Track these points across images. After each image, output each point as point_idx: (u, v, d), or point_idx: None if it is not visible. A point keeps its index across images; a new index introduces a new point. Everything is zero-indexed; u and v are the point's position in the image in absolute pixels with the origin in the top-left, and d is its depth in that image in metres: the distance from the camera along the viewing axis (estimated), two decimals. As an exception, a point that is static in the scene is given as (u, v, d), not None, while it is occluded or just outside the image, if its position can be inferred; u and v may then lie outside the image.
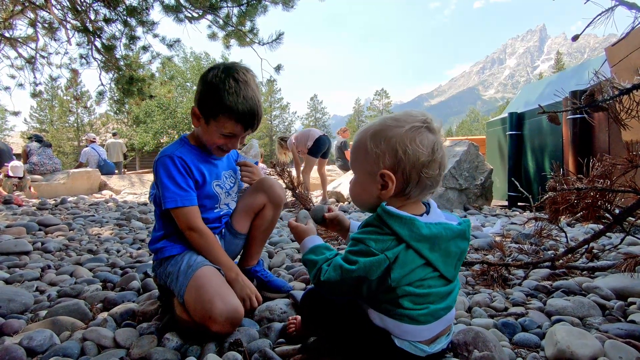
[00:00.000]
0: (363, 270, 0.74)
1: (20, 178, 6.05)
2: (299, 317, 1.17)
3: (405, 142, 0.77)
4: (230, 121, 1.21)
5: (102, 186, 8.02)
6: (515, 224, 3.20)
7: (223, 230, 1.44)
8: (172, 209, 1.23)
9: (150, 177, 9.13)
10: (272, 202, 1.45)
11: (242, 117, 1.21)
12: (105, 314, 1.33)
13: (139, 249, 2.54)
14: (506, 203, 4.99)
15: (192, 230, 1.24)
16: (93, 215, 3.94)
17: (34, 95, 6.70)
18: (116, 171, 9.84)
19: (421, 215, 0.81)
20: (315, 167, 5.53)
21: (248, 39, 5.39)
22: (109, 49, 5.50)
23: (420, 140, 0.77)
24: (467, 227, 0.83)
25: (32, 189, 6.20)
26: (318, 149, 5.13)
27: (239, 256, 1.55)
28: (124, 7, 5.18)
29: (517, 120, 4.92)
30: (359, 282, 0.75)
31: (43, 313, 1.35)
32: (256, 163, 1.55)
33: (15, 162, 6.20)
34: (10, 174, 5.95)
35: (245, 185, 1.52)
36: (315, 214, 1.07)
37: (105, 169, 8.98)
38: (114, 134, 11.44)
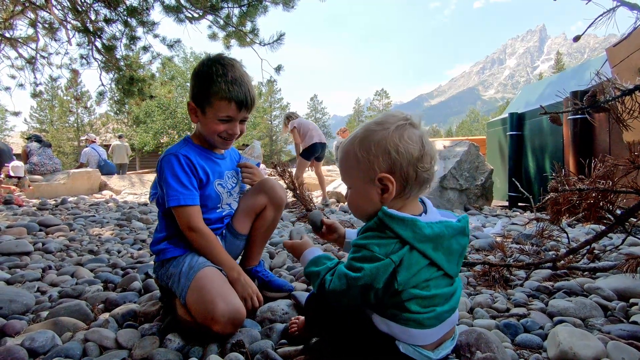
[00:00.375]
0: (369, 276, 0.72)
1: (19, 178, 6.05)
2: (301, 317, 1.17)
3: (395, 141, 0.78)
4: (223, 102, 1.24)
5: (102, 186, 8.03)
6: (516, 224, 3.20)
7: (224, 231, 1.44)
8: (174, 207, 1.23)
9: (150, 177, 9.13)
10: (273, 203, 1.46)
11: (235, 96, 1.23)
12: (106, 315, 1.33)
13: (139, 249, 2.54)
14: (507, 203, 4.99)
15: (191, 230, 1.24)
16: (94, 216, 3.94)
17: (34, 95, 6.70)
18: (120, 171, 9.87)
19: (420, 215, 0.82)
20: (314, 168, 5.63)
21: (248, 39, 5.39)
22: (109, 49, 5.50)
23: (408, 137, 0.78)
24: (466, 223, 0.83)
25: (30, 187, 6.21)
26: (310, 154, 5.30)
27: (239, 257, 1.55)
28: (124, 7, 5.17)
29: (517, 121, 4.92)
30: (366, 290, 0.74)
31: (44, 314, 1.35)
32: (258, 164, 1.55)
33: (16, 162, 6.20)
34: (12, 173, 5.95)
35: (248, 186, 1.52)
36: (313, 219, 1.08)
37: (106, 169, 8.99)
38: (120, 137, 11.57)
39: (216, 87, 1.23)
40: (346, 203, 4.79)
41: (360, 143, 0.82)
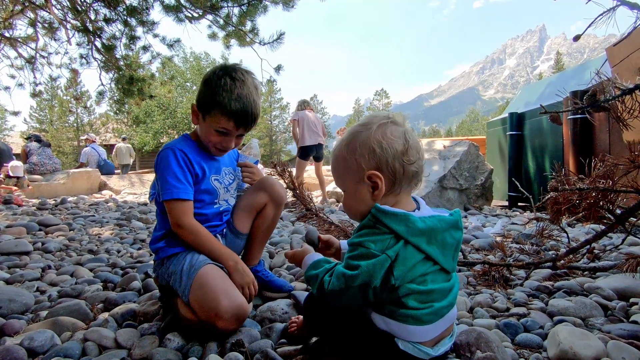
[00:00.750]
0: (366, 273, 0.73)
1: (18, 178, 6.04)
2: (300, 316, 1.17)
3: (378, 138, 0.81)
4: (222, 117, 1.23)
5: (102, 186, 8.02)
6: (515, 224, 3.20)
7: (224, 230, 1.44)
8: (167, 201, 1.23)
9: (150, 177, 9.13)
10: (273, 201, 1.46)
11: (234, 113, 1.22)
12: (106, 315, 1.32)
13: (139, 249, 2.54)
14: (506, 203, 4.99)
15: (180, 227, 1.23)
16: (93, 216, 3.94)
17: (34, 95, 6.70)
18: (118, 171, 9.90)
19: (413, 211, 0.83)
20: (313, 169, 5.77)
21: (248, 39, 5.39)
22: (109, 49, 5.50)
23: (391, 133, 0.81)
24: (458, 217, 0.85)
25: (29, 187, 6.21)
26: (305, 154, 5.45)
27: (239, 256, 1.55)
28: (124, 7, 5.17)
29: (517, 121, 4.92)
30: (364, 287, 0.75)
31: (44, 313, 1.35)
32: (256, 162, 1.55)
33: (15, 162, 6.19)
34: (11, 174, 5.95)
35: (247, 185, 1.52)
36: (310, 237, 1.09)
37: (105, 169, 8.99)
38: (124, 139, 12.05)
39: (219, 100, 1.21)
40: (341, 204, 4.83)
41: (346, 146, 0.85)
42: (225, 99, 1.21)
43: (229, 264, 1.23)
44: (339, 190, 5.79)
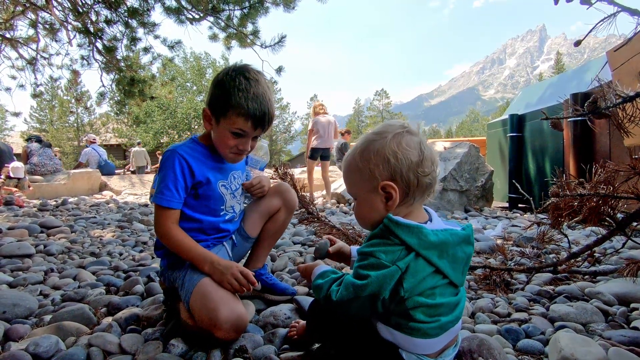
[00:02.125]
0: (376, 284, 0.73)
1: (19, 179, 6.05)
2: (301, 321, 1.18)
3: (394, 148, 0.80)
4: (239, 118, 1.19)
5: (103, 187, 8.04)
6: (516, 226, 3.21)
7: (232, 237, 1.44)
8: (155, 205, 1.23)
9: (150, 178, 9.14)
10: (286, 206, 1.48)
11: (252, 113, 1.18)
12: (109, 319, 1.33)
13: (141, 251, 2.54)
14: (507, 205, 5.00)
15: (157, 232, 1.23)
16: (94, 217, 3.94)
17: (35, 95, 6.71)
18: (138, 173, 10.07)
19: (425, 222, 0.82)
20: (319, 170, 6.01)
21: (249, 41, 5.40)
22: (110, 50, 5.50)
23: (406, 143, 0.80)
24: (470, 232, 0.84)
25: (30, 188, 6.22)
26: (312, 155, 5.75)
27: (243, 259, 1.56)
28: (125, 8, 5.18)
29: (517, 122, 4.93)
30: (373, 298, 0.74)
31: (48, 318, 1.36)
32: (264, 165, 1.56)
33: (16, 163, 6.20)
34: (11, 174, 5.95)
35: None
36: (320, 250, 1.09)
37: (106, 169, 9.01)
38: (139, 143, 13.64)
39: (235, 101, 1.16)
40: (347, 205, 4.79)
41: (360, 154, 0.84)
42: (241, 99, 1.16)
43: (205, 269, 1.18)
44: (339, 191, 5.80)
